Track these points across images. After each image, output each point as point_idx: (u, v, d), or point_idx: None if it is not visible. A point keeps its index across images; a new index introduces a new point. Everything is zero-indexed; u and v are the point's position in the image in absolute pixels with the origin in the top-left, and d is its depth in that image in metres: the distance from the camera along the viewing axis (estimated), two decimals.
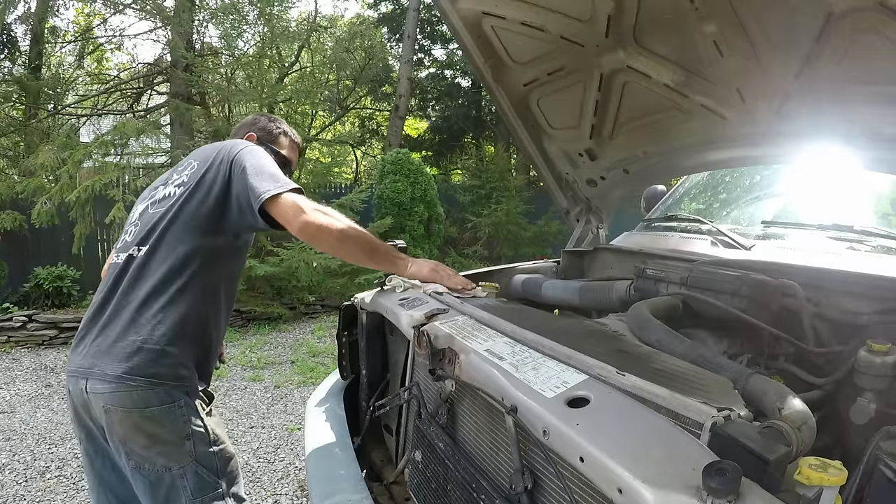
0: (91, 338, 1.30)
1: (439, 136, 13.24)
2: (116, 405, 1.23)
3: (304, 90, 9.43)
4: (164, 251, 1.33)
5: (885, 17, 1.11)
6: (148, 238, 1.36)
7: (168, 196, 1.42)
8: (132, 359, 1.24)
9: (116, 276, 1.35)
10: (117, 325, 1.28)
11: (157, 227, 1.36)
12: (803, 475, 0.61)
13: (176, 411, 1.27)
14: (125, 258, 1.36)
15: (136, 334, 1.26)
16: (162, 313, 1.29)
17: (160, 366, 1.26)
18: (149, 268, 1.32)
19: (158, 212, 1.39)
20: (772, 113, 1.54)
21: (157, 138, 8.11)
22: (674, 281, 1.44)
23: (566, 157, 2.29)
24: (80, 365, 1.28)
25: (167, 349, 1.27)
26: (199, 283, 1.35)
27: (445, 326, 1.16)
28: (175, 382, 1.28)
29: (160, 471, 1.26)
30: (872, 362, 1.01)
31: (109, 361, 1.24)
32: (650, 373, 0.86)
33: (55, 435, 3.44)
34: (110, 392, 1.23)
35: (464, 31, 1.94)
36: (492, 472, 0.97)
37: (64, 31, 9.63)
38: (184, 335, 1.31)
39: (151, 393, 1.24)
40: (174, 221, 1.36)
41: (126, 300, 1.30)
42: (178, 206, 1.37)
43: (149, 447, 1.25)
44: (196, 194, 1.38)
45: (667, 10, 1.48)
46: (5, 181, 6.62)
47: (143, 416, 1.24)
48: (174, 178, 1.47)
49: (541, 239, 9.67)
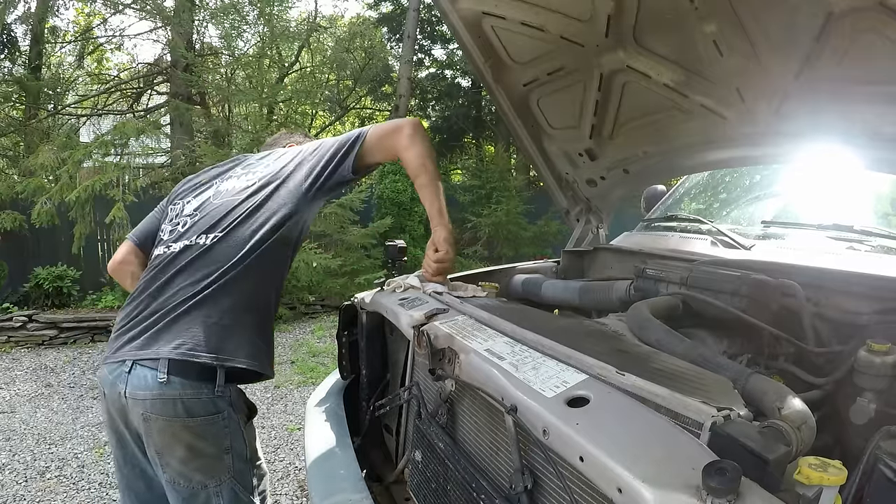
0: (141, 324, 1.24)
1: (439, 136, 13.23)
2: (157, 413, 1.17)
3: (304, 90, 9.44)
4: (239, 236, 1.32)
5: (885, 17, 1.11)
6: (217, 227, 1.34)
7: (238, 189, 1.43)
8: (196, 336, 1.20)
9: (167, 264, 1.31)
10: (177, 307, 1.24)
11: (228, 216, 1.35)
12: (803, 475, 0.61)
13: (219, 423, 1.23)
14: (183, 248, 1.33)
15: (198, 311, 1.23)
16: (228, 291, 1.27)
17: (226, 342, 1.23)
18: (217, 252, 1.30)
19: (229, 203, 1.39)
20: (772, 113, 1.54)
21: (157, 138, 8.11)
22: (674, 281, 1.44)
23: (566, 157, 2.29)
24: (126, 350, 1.22)
25: (231, 325, 1.25)
26: (268, 267, 1.35)
27: (445, 326, 1.16)
28: (229, 359, 1.24)
29: (196, 487, 1.22)
30: (872, 362, 1.01)
31: (166, 340, 1.19)
32: (650, 372, 0.86)
33: (55, 435, 3.44)
34: (153, 399, 1.17)
35: (464, 31, 1.94)
36: (492, 472, 0.97)
37: (64, 31, 9.63)
38: (250, 311, 1.31)
39: (197, 402, 1.19)
40: (253, 209, 1.36)
41: (188, 283, 1.26)
42: (258, 196, 1.38)
43: (187, 461, 1.20)
44: (278, 183, 1.41)
45: (667, 10, 1.48)
46: (5, 181, 6.62)
47: (184, 426, 1.18)
48: (239, 172, 1.50)
49: (541, 239, 9.67)
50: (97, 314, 6.04)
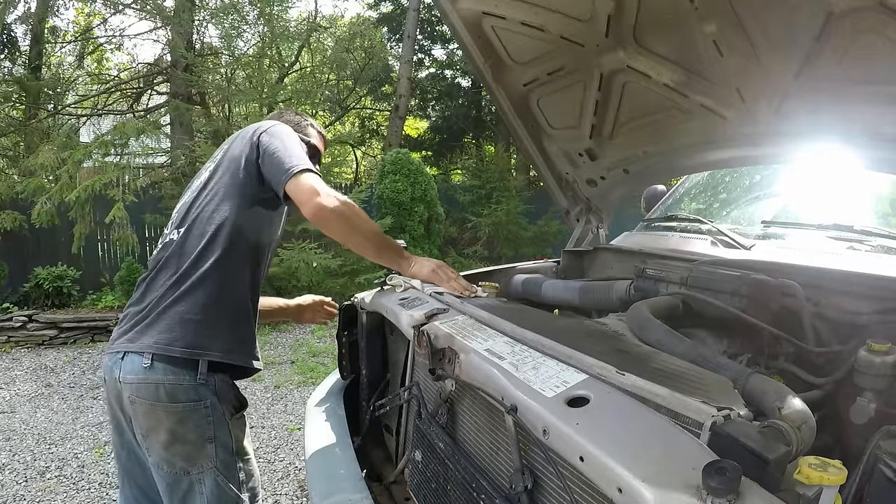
0: (132, 319, 1.31)
1: (439, 136, 13.24)
2: (142, 397, 1.22)
3: (304, 90, 9.44)
4: (200, 226, 1.34)
5: (885, 17, 1.11)
6: (185, 220, 1.38)
7: (201, 181, 1.45)
8: (173, 331, 1.25)
9: (155, 261, 1.37)
10: (159, 303, 1.28)
11: (192, 208, 1.38)
12: (803, 474, 0.61)
13: (202, 411, 1.26)
14: (163, 244, 1.39)
15: (176, 307, 1.27)
16: (200, 286, 1.29)
17: (200, 336, 1.26)
18: (187, 245, 1.33)
19: (193, 195, 1.43)
20: (772, 113, 1.54)
21: (157, 138, 8.12)
22: (674, 281, 1.44)
23: (566, 157, 2.29)
24: (120, 342, 1.29)
25: (204, 319, 1.28)
26: (233, 254, 1.34)
27: (445, 326, 1.16)
28: (203, 353, 1.27)
29: (178, 473, 1.25)
30: (872, 362, 1.01)
31: (150, 335, 1.25)
32: (650, 372, 0.86)
33: (55, 435, 3.44)
34: (138, 382, 1.23)
35: (464, 31, 1.94)
36: (492, 472, 0.97)
37: (64, 31, 9.65)
38: (221, 306, 1.32)
39: (179, 388, 1.24)
40: (209, 198, 1.38)
41: (167, 279, 1.31)
42: (211, 183, 1.40)
43: (168, 445, 1.23)
44: (225, 166, 1.41)
45: (667, 10, 1.48)
46: (5, 181, 6.63)
47: (167, 411, 1.23)
48: (207, 165, 1.51)
49: (541, 239, 9.67)
50: (97, 314, 6.04)
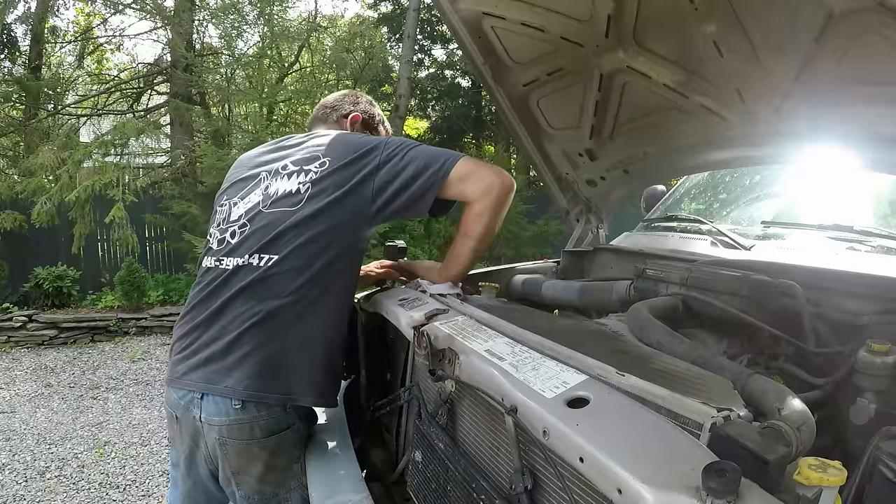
0: (205, 351, 1.19)
1: (439, 136, 13.23)
2: (235, 437, 1.17)
3: (304, 90, 9.43)
4: (300, 259, 1.19)
5: (885, 17, 1.11)
6: (276, 245, 1.20)
7: (292, 193, 1.24)
8: (263, 377, 1.15)
9: (224, 281, 1.21)
10: (241, 341, 1.16)
11: (286, 232, 1.20)
12: (803, 475, 0.61)
13: (291, 436, 1.25)
14: (234, 266, 1.21)
15: (265, 349, 1.17)
16: (295, 328, 1.19)
17: (295, 382, 1.20)
18: (281, 279, 1.19)
19: (283, 213, 1.23)
20: (772, 113, 1.54)
21: (157, 138, 8.11)
22: (674, 281, 1.44)
23: (566, 157, 2.29)
24: (193, 379, 1.18)
25: (297, 365, 1.21)
26: (337, 296, 1.26)
27: (445, 327, 1.15)
28: (298, 398, 1.22)
29: (268, 497, 1.24)
30: (872, 362, 1.00)
31: (235, 377, 1.15)
32: (650, 373, 0.86)
33: (55, 435, 3.44)
34: (229, 424, 1.16)
35: (464, 32, 1.94)
36: (492, 473, 0.97)
37: (64, 31, 9.65)
38: (317, 350, 1.25)
39: (272, 421, 1.19)
40: (313, 229, 1.20)
41: (251, 314, 1.17)
42: (310, 206, 1.21)
43: (262, 478, 1.21)
44: (335, 194, 1.22)
45: (667, 10, 1.48)
46: (5, 181, 6.64)
47: (261, 446, 1.19)
48: (290, 169, 1.28)
49: (541, 239, 9.67)
50: (97, 314, 6.05)
